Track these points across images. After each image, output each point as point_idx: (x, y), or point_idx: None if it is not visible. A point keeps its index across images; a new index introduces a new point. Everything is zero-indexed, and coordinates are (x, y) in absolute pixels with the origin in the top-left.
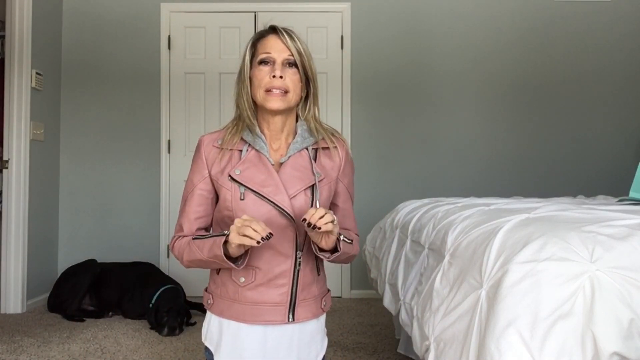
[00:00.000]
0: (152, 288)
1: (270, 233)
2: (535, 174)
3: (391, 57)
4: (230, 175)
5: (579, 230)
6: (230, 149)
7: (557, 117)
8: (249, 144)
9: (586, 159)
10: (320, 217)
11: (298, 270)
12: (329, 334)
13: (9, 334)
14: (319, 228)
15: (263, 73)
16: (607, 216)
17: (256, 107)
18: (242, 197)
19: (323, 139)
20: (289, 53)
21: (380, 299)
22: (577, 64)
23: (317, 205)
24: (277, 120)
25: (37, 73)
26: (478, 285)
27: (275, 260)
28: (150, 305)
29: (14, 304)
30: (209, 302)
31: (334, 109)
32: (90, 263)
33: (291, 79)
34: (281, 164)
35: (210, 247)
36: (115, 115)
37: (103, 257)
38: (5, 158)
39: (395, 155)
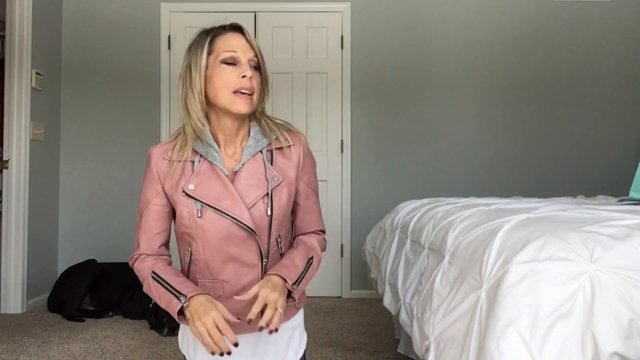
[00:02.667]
0: None
1: (235, 343)
2: (535, 174)
3: (391, 57)
4: (184, 191)
5: (579, 230)
6: (180, 161)
7: (557, 117)
8: (201, 155)
9: (586, 159)
10: (269, 318)
11: (265, 270)
12: (329, 334)
13: (9, 334)
14: (276, 330)
15: (228, 73)
16: (607, 216)
17: (206, 110)
18: (199, 215)
19: (277, 138)
20: (253, 54)
21: (380, 299)
22: (577, 64)
23: (270, 212)
24: (235, 124)
25: (37, 73)
26: (478, 285)
27: (241, 272)
28: (150, 305)
29: (14, 304)
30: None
31: (334, 109)
32: (90, 263)
33: (256, 81)
34: (235, 172)
35: (167, 303)
36: (115, 115)
37: (103, 257)
38: (5, 158)
39: (395, 155)
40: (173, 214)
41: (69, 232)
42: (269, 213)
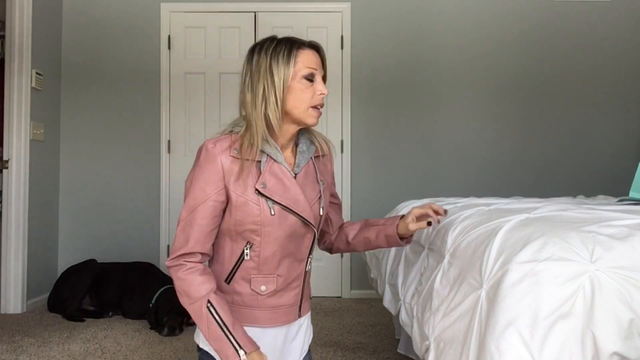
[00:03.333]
0: (152, 288)
1: None
2: (535, 174)
3: (391, 57)
4: (257, 189)
5: (579, 230)
6: (248, 159)
7: (557, 117)
8: (268, 155)
9: (586, 159)
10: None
11: (307, 271)
12: (329, 334)
13: (9, 334)
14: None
15: (308, 89)
16: (607, 216)
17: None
18: (272, 212)
19: (320, 147)
20: (324, 72)
21: (380, 299)
22: (577, 64)
23: (321, 212)
24: (295, 132)
25: (37, 73)
26: (478, 285)
27: (292, 266)
28: (150, 305)
29: (14, 304)
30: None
31: (334, 109)
32: (90, 263)
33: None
34: (295, 174)
35: (220, 346)
36: (115, 115)
37: (103, 257)
38: (5, 158)
39: (395, 155)
40: (223, 213)
41: (69, 232)
42: (321, 213)
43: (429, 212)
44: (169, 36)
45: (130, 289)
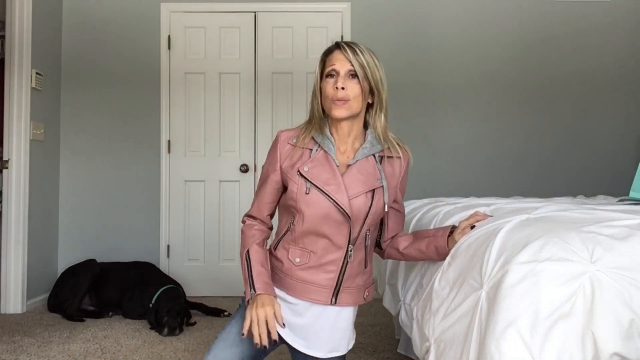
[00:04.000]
0: (152, 288)
1: (274, 340)
2: (535, 174)
3: (391, 57)
4: (299, 171)
5: (579, 230)
6: (302, 147)
7: (557, 117)
8: (319, 145)
9: (586, 159)
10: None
11: (347, 262)
12: None
13: (9, 334)
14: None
15: (329, 85)
16: (607, 216)
17: (326, 114)
18: (307, 192)
19: (389, 148)
20: (350, 65)
21: (380, 299)
22: (577, 64)
23: (370, 209)
24: (344, 125)
25: (37, 73)
26: (478, 286)
27: (329, 249)
28: (150, 305)
29: (14, 304)
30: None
31: None
32: (90, 263)
33: (352, 89)
34: (348, 165)
35: (244, 282)
36: (116, 115)
37: (103, 257)
38: (5, 158)
39: None
40: (284, 190)
41: (69, 232)
42: (368, 207)
43: (474, 222)
44: (169, 36)
45: (130, 289)
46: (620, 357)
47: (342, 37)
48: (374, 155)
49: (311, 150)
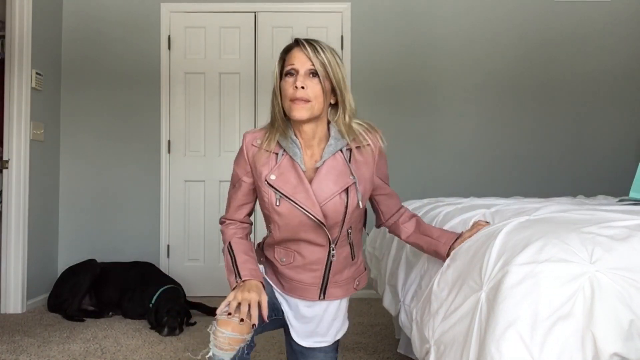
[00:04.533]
0: (152, 288)
1: (253, 324)
2: (535, 174)
3: (391, 57)
4: (266, 180)
5: (578, 231)
6: (268, 151)
7: (557, 117)
8: (284, 150)
9: (586, 159)
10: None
11: (331, 261)
12: None
13: (9, 334)
14: None
15: (288, 84)
16: (607, 217)
17: (286, 116)
18: (277, 203)
19: (354, 139)
20: (310, 64)
21: (380, 299)
22: (577, 64)
23: (347, 206)
24: (307, 128)
25: (37, 73)
26: (478, 287)
27: (311, 249)
28: (150, 305)
29: (14, 304)
30: (261, 259)
31: None
32: (90, 263)
33: (313, 89)
34: (317, 169)
35: (228, 274)
36: (116, 115)
37: (103, 257)
38: (5, 158)
39: (395, 155)
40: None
41: (69, 232)
42: (344, 208)
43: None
44: (169, 36)
45: (130, 289)
46: (620, 358)
47: (342, 37)
48: (341, 151)
49: (277, 155)
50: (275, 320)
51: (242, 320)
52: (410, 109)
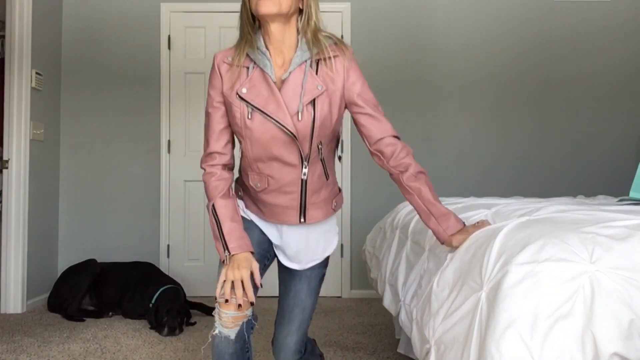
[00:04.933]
0: (152, 288)
1: (252, 302)
2: (535, 174)
3: (391, 57)
4: (237, 94)
5: (578, 231)
6: (238, 66)
7: (557, 117)
8: (254, 62)
9: (586, 159)
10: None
11: (305, 180)
12: (328, 335)
13: (9, 334)
14: None
15: None
16: (607, 217)
17: (256, 23)
18: (249, 116)
19: (322, 50)
20: None
21: (380, 299)
22: (577, 64)
23: (312, 119)
24: (275, 30)
25: (37, 73)
26: (478, 287)
27: (283, 170)
28: (150, 305)
29: (14, 304)
30: (239, 192)
31: None
32: (90, 263)
33: None
34: (283, 80)
35: (215, 242)
36: (115, 115)
37: (103, 257)
38: (5, 158)
39: None
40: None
41: (68, 232)
42: (312, 120)
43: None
44: (169, 36)
45: (130, 289)
46: (620, 357)
47: (342, 37)
48: (309, 63)
49: (247, 68)
50: (270, 262)
51: (240, 305)
52: (410, 108)
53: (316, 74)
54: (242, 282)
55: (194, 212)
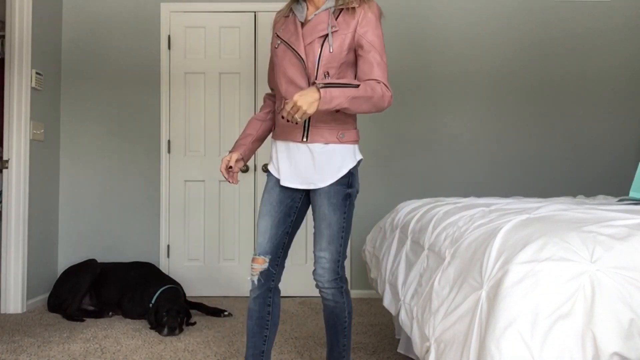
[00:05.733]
0: (152, 288)
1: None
2: (535, 174)
3: (391, 57)
4: (275, 33)
5: (579, 230)
6: (283, 16)
7: (557, 117)
8: (292, 11)
9: (586, 159)
10: (288, 109)
11: None
12: None
13: (9, 334)
14: (296, 123)
15: None
16: (607, 216)
17: None
18: (276, 46)
19: (347, 2)
20: None
21: (380, 299)
22: (577, 64)
23: (331, 50)
24: None
25: (37, 73)
26: (478, 286)
27: (292, 89)
28: (150, 305)
29: (14, 304)
30: (273, 130)
31: None
32: (90, 263)
33: None
34: (309, 21)
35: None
36: (115, 115)
37: (103, 257)
38: (5, 158)
39: (396, 155)
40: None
41: (69, 232)
42: (319, 50)
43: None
44: (169, 36)
45: (130, 289)
46: (620, 357)
47: None
48: (331, 10)
49: (288, 17)
50: (299, 213)
51: (237, 182)
52: (410, 108)
53: (336, 19)
54: (223, 160)
55: (194, 212)
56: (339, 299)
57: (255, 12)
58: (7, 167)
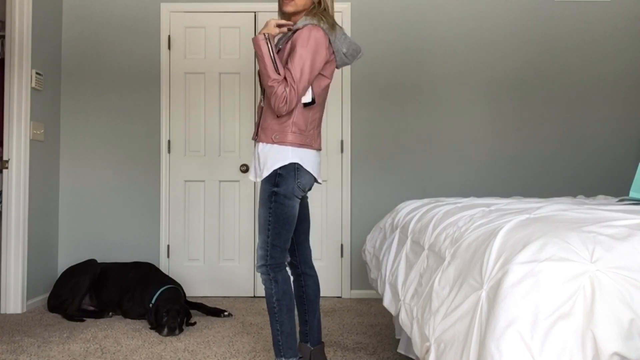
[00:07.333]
0: (152, 288)
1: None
2: (535, 174)
3: (391, 57)
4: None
5: (579, 230)
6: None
7: (557, 117)
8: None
9: (586, 159)
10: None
11: (261, 106)
12: (329, 334)
13: (9, 334)
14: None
15: None
16: (608, 216)
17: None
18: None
19: (299, 25)
20: None
21: (380, 299)
22: (576, 64)
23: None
24: (293, 20)
25: (37, 73)
26: (478, 286)
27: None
28: (150, 305)
29: (14, 304)
30: None
31: (334, 109)
32: (90, 263)
33: None
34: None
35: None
36: (115, 115)
37: (103, 257)
38: (5, 158)
39: (395, 155)
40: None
41: (69, 232)
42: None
43: None
44: (169, 36)
45: (130, 289)
46: (621, 357)
47: None
48: (292, 30)
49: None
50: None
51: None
52: (410, 108)
53: (289, 38)
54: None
55: (194, 212)
56: (268, 284)
57: (255, 12)
58: (7, 167)
